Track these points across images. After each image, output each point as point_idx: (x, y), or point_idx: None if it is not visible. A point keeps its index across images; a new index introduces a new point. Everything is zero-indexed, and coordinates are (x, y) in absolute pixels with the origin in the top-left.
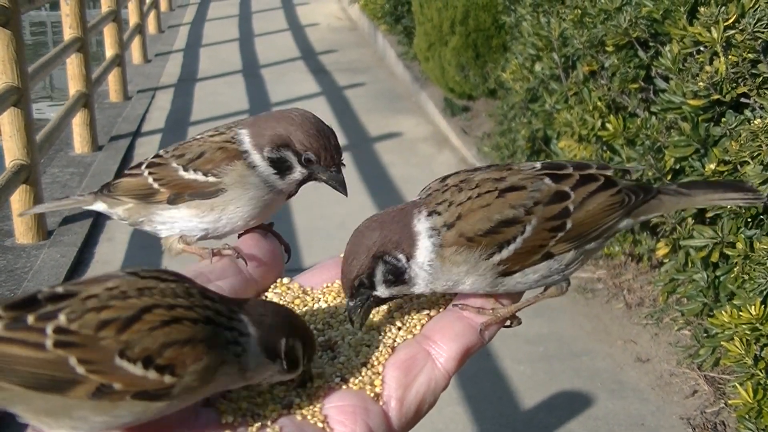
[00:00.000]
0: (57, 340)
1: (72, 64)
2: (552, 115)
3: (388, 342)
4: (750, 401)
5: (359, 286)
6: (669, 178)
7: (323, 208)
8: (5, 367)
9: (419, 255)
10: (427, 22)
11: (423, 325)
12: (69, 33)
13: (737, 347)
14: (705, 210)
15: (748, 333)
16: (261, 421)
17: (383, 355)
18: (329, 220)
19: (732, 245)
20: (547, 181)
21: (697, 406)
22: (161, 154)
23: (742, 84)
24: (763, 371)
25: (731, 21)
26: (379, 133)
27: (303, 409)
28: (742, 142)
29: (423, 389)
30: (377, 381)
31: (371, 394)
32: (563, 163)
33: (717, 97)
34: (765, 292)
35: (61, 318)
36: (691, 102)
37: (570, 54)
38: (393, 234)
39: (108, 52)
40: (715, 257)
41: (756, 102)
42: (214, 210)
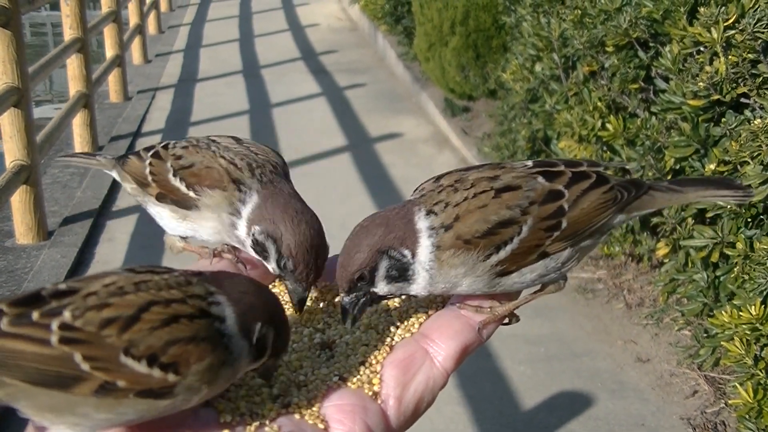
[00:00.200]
0: (62, 336)
1: (72, 65)
2: (552, 116)
3: (386, 341)
4: (750, 401)
5: (359, 279)
6: (669, 178)
7: (323, 208)
8: (10, 363)
9: (421, 253)
10: (428, 22)
11: (421, 323)
12: (69, 33)
13: (737, 347)
14: (705, 210)
15: (748, 333)
16: (259, 420)
17: (381, 354)
18: (330, 221)
19: (732, 245)
20: (541, 179)
21: (698, 406)
22: (168, 147)
23: (742, 84)
24: (763, 371)
25: (731, 21)
26: (380, 133)
27: (301, 408)
28: (742, 142)
29: (421, 388)
30: (375, 380)
31: (369, 392)
32: (554, 160)
33: (717, 97)
34: (765, 292)
35: (66, 314)
36: (691, 102)
37: (570, 54)
38: (398, 230)
39: (108, 53)
40: (715, 257)
41: (756, 102)
42: (187, 220)
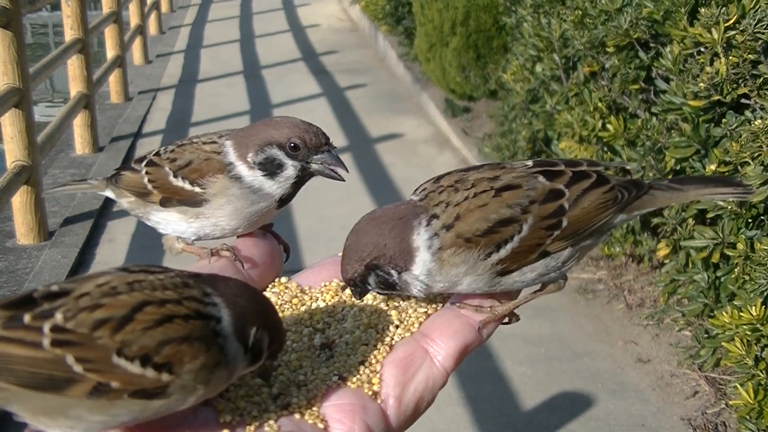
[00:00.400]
0: (54, 338)
1: (73, 65)
2: (553, 116)
3: (386, 340)
4: (751, 402)
5: (353, 285)
6: (670, 178)
7: (324, 209)
8: (2, 367)
9: (415, 269)
10: (428, 23)
11: (421, 323)
12: (70, 34)
13: (738, 348)
14: (706, 210)
15: (749, 333)
16: (259, 420)
17: (381, 354)
18: (330, 222)
19: (733, 246)
20: (541, 179)
21: (698, 406)
22: (160, 153)
23: (742, 85)
24: (763, 372)
25: (732, 22)
26: (380, 134)
27: (301, 408)
28: (743, 142)
29: (421, 387)
30: (375, 379)
31: (369, 392)
32: (554, 160)
33: (717, 98)
34: (766, 293)
35: (57, 316)
36: (692, 103)
37: (571, 55)
38: (388, 248)
39: (109, 53)
40: (715, 258)
41: (756, 103)
42: (199, 218)
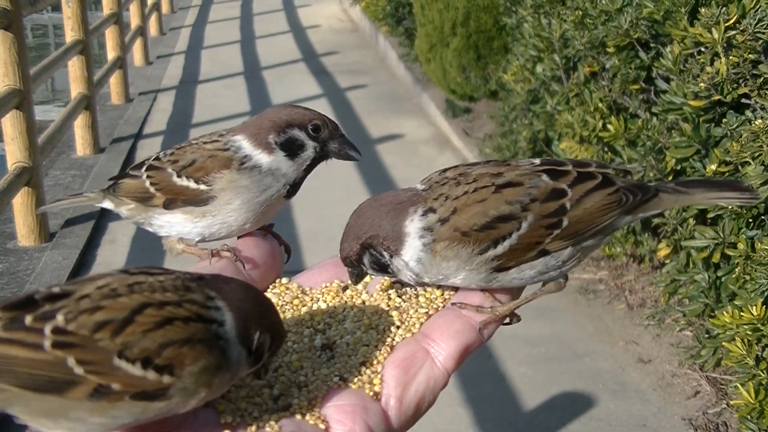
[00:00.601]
0: (55, 340)
1: (74, 67)
2: (553, 117)
3: (387, 341)
4: (752, 402)
5: (350, 264)
6: (670, 179)
7: (324, 209)
8: (3, 368)
9: (405, 254)
10: (429, 23)
11: (422, 323)
12: (71, 35)
13: (739, 348)
14: (706, 210)
15: (750, 333)
16: (260, 420)
17: (382, 354)
18: (331, 222)
19: (733, 246)
20: (545, 177)
21: (699, 406)
22: (160, 157)
23: (743, 85)
24: (764, 372)
25: (732, 22)
26: (381, 134)
27: (302, 409)
28: (743, 142)
29: (422, 388)
30: (376, 380)
31: (370, 393)
32: (562, 160)
33: (718, 97)
34: (766, 293)
35: (59, 318)
36: (692, 103)
37: (571, 55)
38: (381, 230)
39: (110, 55)
40: (716, 258)
41: (757, 103)
42: (206, 216)
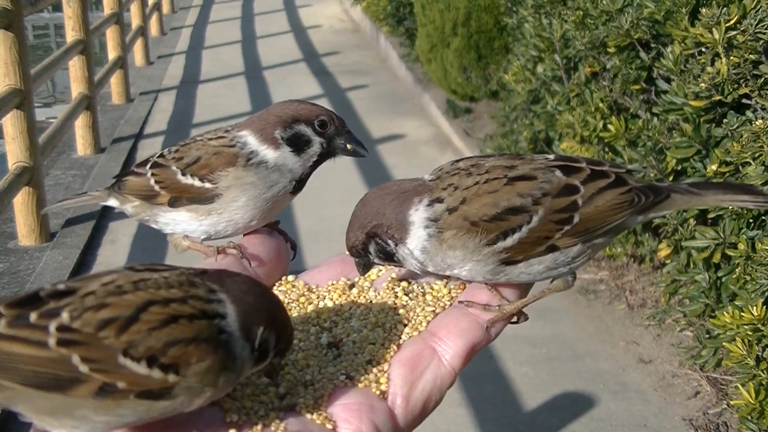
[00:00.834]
0: (60, 338)
1: (75, 67)
2: (554, 117)
3: (394, 339)
4: (752, 402)
5: (356, 253)
6: (671, 179)
7: (324, 209)
8: (7, 366)
9: (410, 242)
10: (429, 23)
11: (429, 321)
12: (72, 35)
13: (739, 348)
14: (707, 211)
15: (750, 334)
16: (266, 419)
17: (389, 353)
18: (331, 222)
19: (734, 246)
20: (558, 173)
21: (700, 407)
22: (164, 155)
23: (743, 85)
24: (765, 372)
25: (733, 22)
26: (382, 135)
27: (308, 408)
28: (744, 143)
29: (429, 386)
30: (383, 379)
31: (377, 391)
32: (577, 157)
33: (718, 98)
34: (767, 293)
35: (64, 315)
36: (693, 103)
37: (572, 55)
38: (387, 218)
39: (110, 55)
40: (716, 258)
41: (757, 103)
42: (211, 214)
